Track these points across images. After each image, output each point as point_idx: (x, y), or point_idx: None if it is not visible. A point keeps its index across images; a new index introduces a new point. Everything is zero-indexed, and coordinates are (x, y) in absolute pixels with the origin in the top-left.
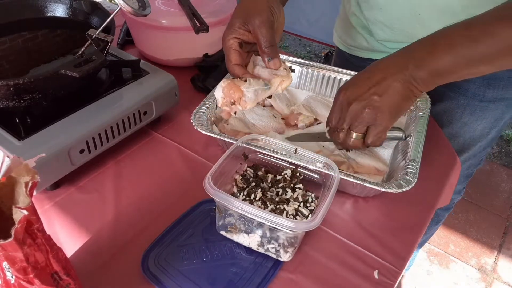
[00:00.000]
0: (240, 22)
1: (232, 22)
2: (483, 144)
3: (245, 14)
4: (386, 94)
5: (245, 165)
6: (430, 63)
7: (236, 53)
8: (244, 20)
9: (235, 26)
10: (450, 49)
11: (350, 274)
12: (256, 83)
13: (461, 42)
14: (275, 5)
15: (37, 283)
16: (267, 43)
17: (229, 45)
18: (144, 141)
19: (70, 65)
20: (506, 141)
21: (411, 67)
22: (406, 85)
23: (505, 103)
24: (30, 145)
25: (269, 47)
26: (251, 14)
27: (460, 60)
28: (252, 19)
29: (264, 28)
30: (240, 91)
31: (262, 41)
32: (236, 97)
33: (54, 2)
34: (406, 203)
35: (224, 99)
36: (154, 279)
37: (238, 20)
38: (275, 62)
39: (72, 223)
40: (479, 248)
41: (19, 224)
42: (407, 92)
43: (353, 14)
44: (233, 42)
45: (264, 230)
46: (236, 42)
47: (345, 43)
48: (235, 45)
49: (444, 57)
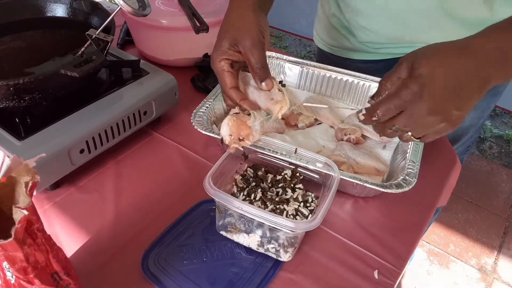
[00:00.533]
0: (229, 43)
1: (220, 43)
2: (472, 132)
3: (234, 34)
4: (467, 107)
5: (245, 165)
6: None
7: (230, 75)
8: (234, 41)
9: (223, 47)
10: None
11: (350, 274)
12: (260, 114)
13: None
14: (263, 21)
15: (37, 283)
16: (259, 65)
17: (221, 68)
18: (144, 141)
19: (70, 65)
20: (506, 141)
21: (492, 80)
22: (485, 91)
23: (490, 93)
24: (30, 145)
25: (261, 69)
26: (241, 36)
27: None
28: (242, 41)
29: (256, 50)
30: (248, 128)
31: (254, 63)
32: (245, 134)
33: (54, 2)
34: (406, 203)
35: (231, 137)
36: (154, 279)
37: (227, 41)
38: (267, 83)
39: (72, 223)
40: (479, 248)
41: (19, 224)
42: (481, 95)
43: (333, 15)
44: (224, 63)
45: (264, 230)
46: (227, 64)
47: (327, 44)
48: (227, 66)
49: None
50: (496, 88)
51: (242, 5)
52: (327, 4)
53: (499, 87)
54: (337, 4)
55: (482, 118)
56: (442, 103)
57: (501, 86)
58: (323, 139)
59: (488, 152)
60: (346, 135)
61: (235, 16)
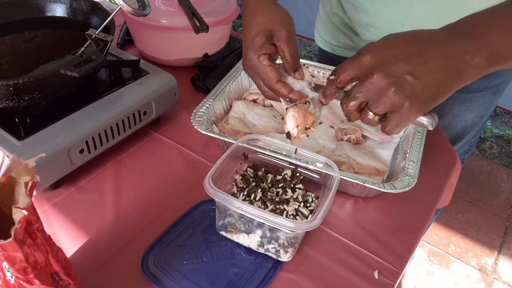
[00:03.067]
0: (265, 37)
1: (254, 39)
2: (475, 131)
3: (269, 27)
4: (425, 76)
5: (245, 165)
6: (489, 41)
7: (272, 69)
8: (269, 34)
9: (259, 42)
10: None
11: (350, 274)
12: (315, 101)
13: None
14: (291, 17)
15: (37, 283)
16: (294, 56)
17: (261, 63)
18: (144, 141)
19: (70, 65)
20: (506, 141)
21: (463, 43)
22: (455, 65)
23: (492, 91)
24: (30, 145)
25: (295, 59)
26: (276, 28)
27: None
28: (277, 33)
29: (292, 41)
30: (312, 115)
31: (289, 54)
32: (311, 122)
33: (54, 2)
34: (406, 203)
35: (298, 127)
36: (154, 279)
37: (261, 35)
38: (299, 73)
39: (72, 223)
40: (479, 248)
41: (19, 224)
42: (454, 76)
43: (334, 14)
44: (263, 58)
45: (264, 230)
46: (266, 58)
47: (329, 44)
48: (266, 61)
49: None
50: (498, 86)
51: (266, 4)
52: (328, 3)
53: (501, 85)
54: (339, 3)
55: (484, 116)
56: (390, 58)
57: (503, 84)
58: (323, 139)
59: (489, 152)
60: (346, 135)
61: (262, 9)
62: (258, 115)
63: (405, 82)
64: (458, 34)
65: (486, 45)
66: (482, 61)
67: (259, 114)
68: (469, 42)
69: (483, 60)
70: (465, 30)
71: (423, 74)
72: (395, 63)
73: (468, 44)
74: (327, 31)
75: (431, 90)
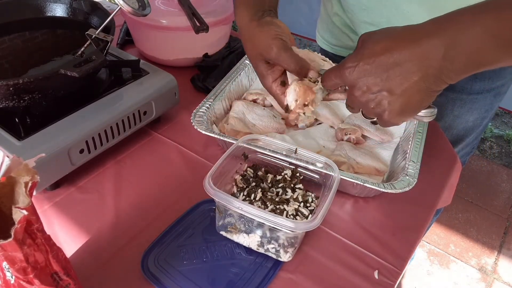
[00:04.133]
0: (264, 64)
1: (257, 69)
2: (476, 133)
3: (259, 54)
4: (401, 90)
5: (245, 165)
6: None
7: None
8: (263, 60)
9: (263, 71)
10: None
11: (350, 274)
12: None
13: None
14: (271, 25)
15: (37, 283)
16: (293, 66)
17: (274, 92)
18: (144, 141)
19: (70, 65)
20: (506, 141)
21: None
22: (431, 79)
23: (493, 93)
24: (30, 145)
25: (298, 69)
26: (264, 52)
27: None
28: (268, 56)
29: (281, 57)
30: (314, 93)
31: (289, 68)
32: (310, 99)
33: (54, 2)
34: (406, 203)
35: (297, 102)
36: (154, 279)
37: (260, 64)
38: (313, 73)
39: (72, 223)
40: (480, 248)
41: (18, 224)
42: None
43: (335, 14)
44: (275, 87)
45: (264, 230)
46: (278, 85)
47: (329, 43)
48: (279, 88)
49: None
50: (499, 88)
51: (250, 27)
52: (329, 3)
53: (502, 87)
54: (339, 3)
55: (485, 118)
56: (369, 80)
57: (504, 87)
58: (323, 139)
59: (489, 152)
60: (346, 135)
61: (251, 41)
62: (258, 115)
63: (382, 98)
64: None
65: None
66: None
67: (259, 114)
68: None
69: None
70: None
71: (398, 87)
72: (373, 77)
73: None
74: (328, 31)
75: (409, 102)
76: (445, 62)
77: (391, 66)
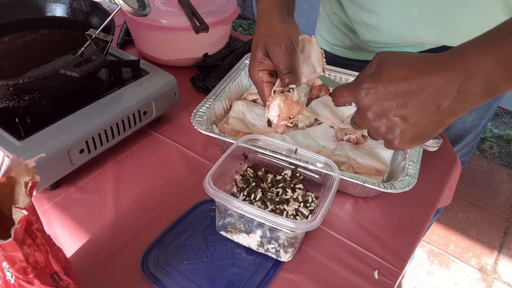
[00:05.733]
0: (262, 54)
1: (254, 54)
2: (474, 133)
3: (265, 44)
4: (415, 119)
5: (245, 165)
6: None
7: (269, 86)
8: (265, 50)
9: (258, 58)
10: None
11: (350, 274)
12: (301, 87)
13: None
14: (292, 28)
15: (37, 283)
16: (285, 70)
17: (260, 79)
18: (144, 141)
19: (70, 65)
20: (506, 141)
21: (457, 84)
22: (446, 112)
23: None
24: (30, 145)
25: (287, 74)
26: (270, 44)
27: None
28: (272, 49)
29: (284, 57)
30: (298, 105)
31: (281, 69)
32: (296, 111)
33: (54, 2)
34: (406, 203)
35: (280, 116)
36: (154, 279)
37: (260, 52)
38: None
39: (72, 223)
40: (480, 248)
41: (19, 224)
42: (442, 120)
43: (334, 13)
44: (262, 74)
45: (264, 230)
46: (265, 74)
47: (328, 43)
48: (265, 77)
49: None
50: None
51: (271, 17)
52: (328, 2)
53: None
54: (339, 2)
55: (484, 118)
56: (383, 105)
57: None
58: (323, 139)
59: (489, 152)
60: (346, 135)
61: (265, 28)
62: (258, 115)
63: (395, 125)
64: (454, 63)
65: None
66: (476, 96)
67: (259, 114)
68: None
69: (477, 96)
70: (460, 60)
71: (413, 116)
72: (389, 103)
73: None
74: (327, 31)
75: (420, 132)
76: (459, 94)
77: (408, 94)
